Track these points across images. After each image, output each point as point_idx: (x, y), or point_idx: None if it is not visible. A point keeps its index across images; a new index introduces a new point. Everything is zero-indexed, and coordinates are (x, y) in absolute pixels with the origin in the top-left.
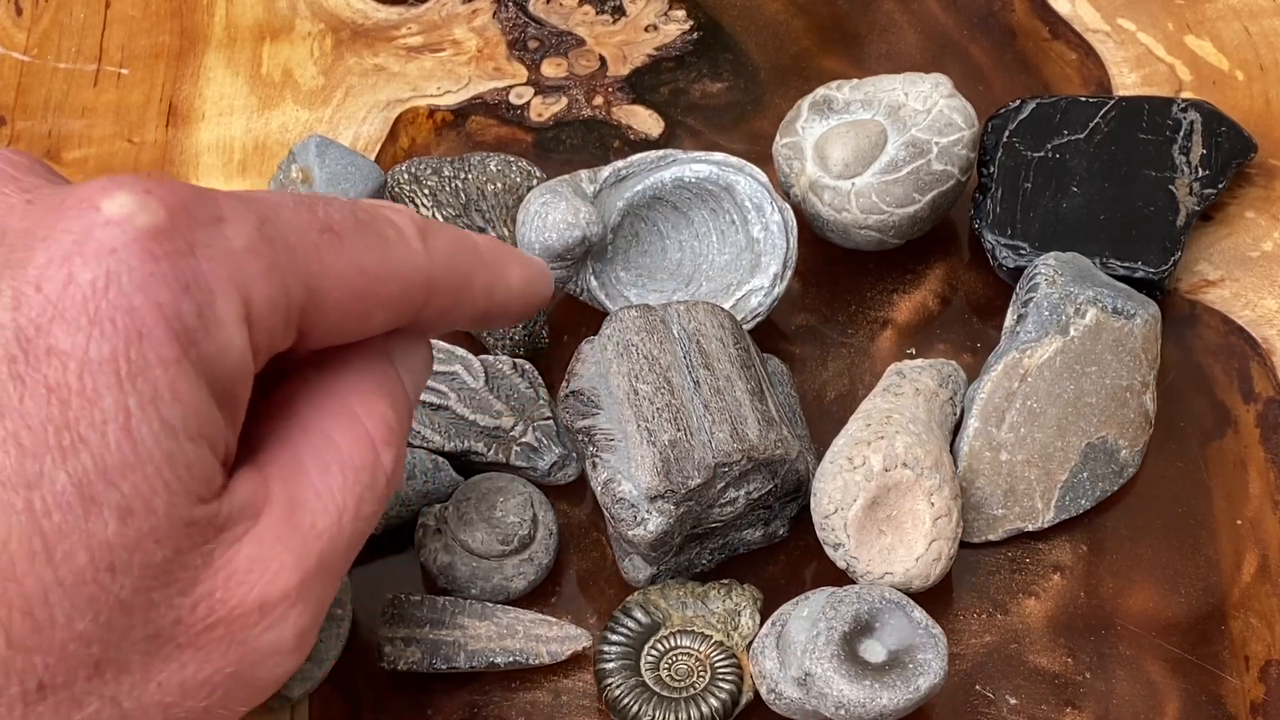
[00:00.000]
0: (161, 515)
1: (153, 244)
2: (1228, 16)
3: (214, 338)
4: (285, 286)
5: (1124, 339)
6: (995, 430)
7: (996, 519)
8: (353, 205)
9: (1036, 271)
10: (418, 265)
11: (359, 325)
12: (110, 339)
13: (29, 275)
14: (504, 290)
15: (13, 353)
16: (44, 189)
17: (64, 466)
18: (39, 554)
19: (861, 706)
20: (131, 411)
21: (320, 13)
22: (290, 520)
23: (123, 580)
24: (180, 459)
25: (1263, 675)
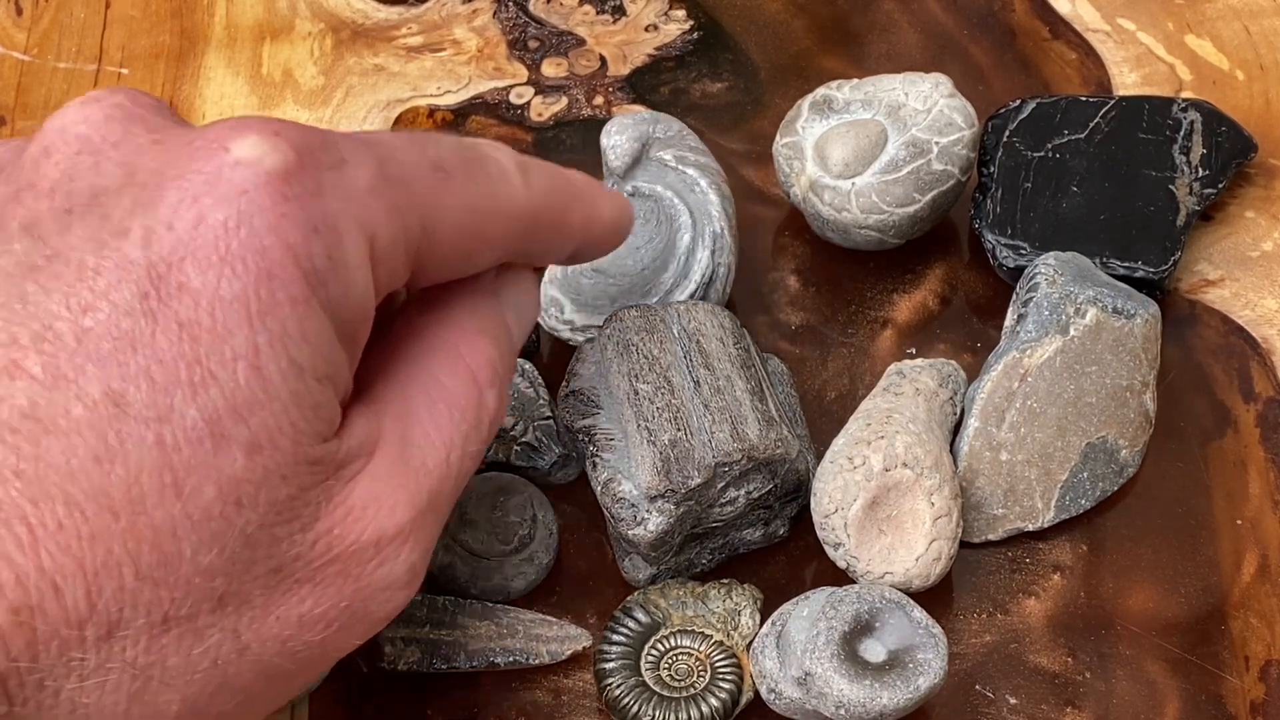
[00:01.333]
0: (288, 452)
1: (283, 185)
2: (1228, 16)
3: (340, 278)
4: (404, 225)
5: (1124, 339)
6: (995, 430)
7: (996, 519)
8: (458, 143)
9: (1036, 271)
10: (521, 202)
11: (468, 261)
12: (241, 277)
13: (160, 214)
14: (598, 223)
15: (145, 289)
16: (171, 129)
17: (194, 402)
18: (168, 487)
19: (861, 706)
20: (260, 349)
21: (320, 13)
22: (402, 458)
23: (249, 515)
24: (306, 398)
25: (1263, 675)
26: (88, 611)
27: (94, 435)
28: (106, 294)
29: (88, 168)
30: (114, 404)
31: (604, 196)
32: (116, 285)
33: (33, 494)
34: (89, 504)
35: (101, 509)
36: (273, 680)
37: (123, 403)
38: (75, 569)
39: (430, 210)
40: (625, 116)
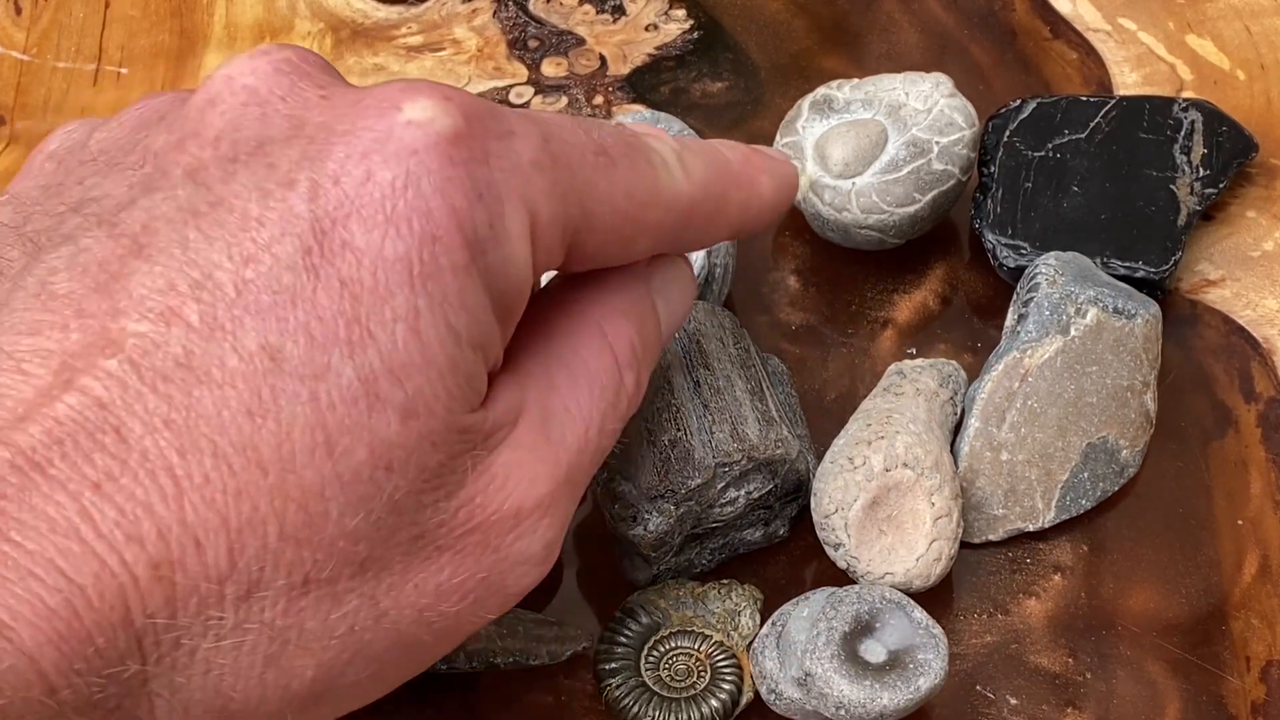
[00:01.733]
0: (440, 419)
1: (452, 149)
2: (1229, 16)
3: (501, 249)
4: (565, 205)
5: (1125, 339)
6: (996, 430)
7: (997, 519)
8: (619, 129)
9: (1037, 271)
10: (680, 191)
11: (623, 250)
12: (405, 239)
13: (328, 168)
14: (757, 203)
15: (308, 244)
16: (338, 86)
17: (351, 361)
18: (320, 446)
19: (862, 707)
20: (421, 312)
21: (320, 12)
22: (543, 431)
23: (398, 480)
24: (462, 365)
25: (1264, 676)
26: (229, 569)
27: (248, 388)
28: (269, 246)
29: (254, 118)
30: (270, 358)
31: (764, 173)
32: (280, 238)
33: (181, 444)
34: (237, 458)
35: (250, 464)
36: (408, 650)
37: (279, 357)
38: (219, 524)
39: (591, 193)
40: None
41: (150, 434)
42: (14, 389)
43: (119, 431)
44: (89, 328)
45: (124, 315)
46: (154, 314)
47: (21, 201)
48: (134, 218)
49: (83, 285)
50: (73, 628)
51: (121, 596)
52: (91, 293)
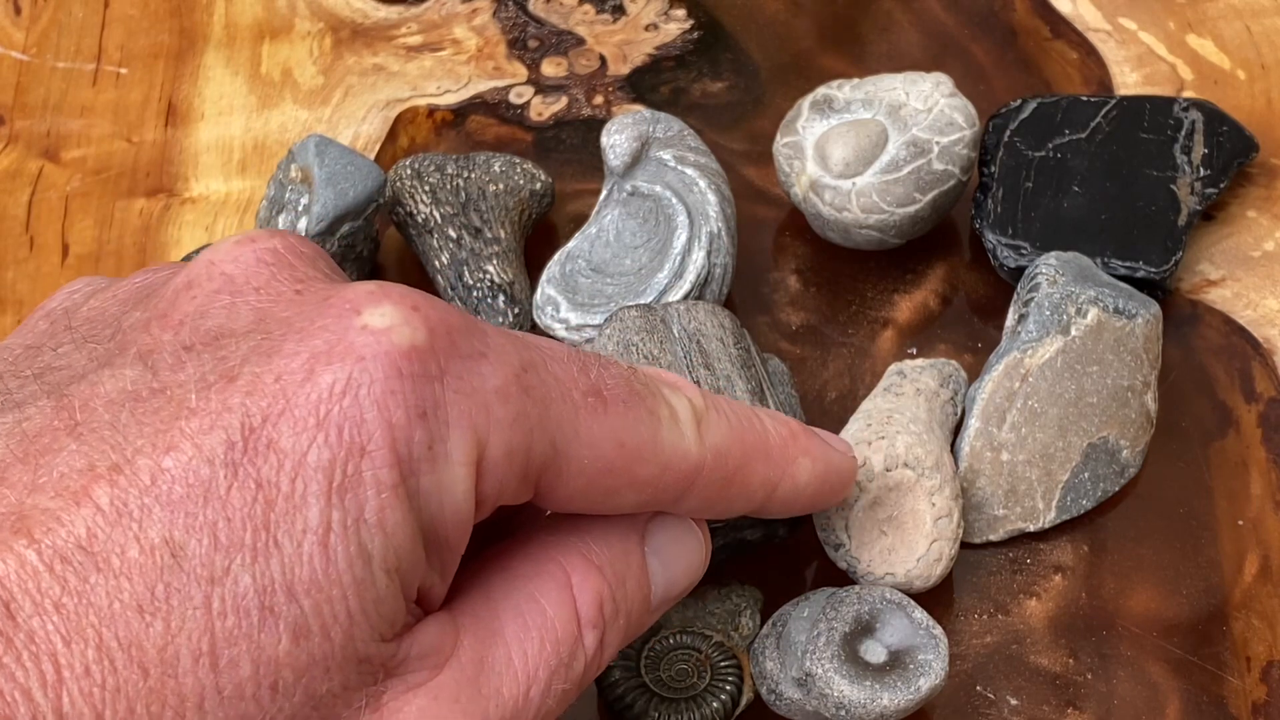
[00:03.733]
0: (336, 644)
1: (402, 361)
2: (1229, 16)
3: (438, 474)
4: (528, 440)
5: (1125, 339)
6: (996, 430)
7: (997, 519)
8: (631, 374)
9: (1037, 271)
10: (685, 451)
11: (605, 500)
12: (332, 447)
13: (272, 365)
14: (788, 487)
15: (234, 439)
16: (316, 282)
17: (251, 569)
18: (205, 655)
19: (862, 707)
20: (332, 528)
21: (319, 12)
22: (474, 681)
23: (282, 703)
24: (370, 590)
25: (1264, 676)
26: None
27: (143, 582)
28: (194, 437)
29: (222, 307)
30: (171, 554)
31: (806, 455)
32: (207, 430)
33: (67, 631)
34: (120, 654)
35: (132, 662)
36: None
37: (180, 555)
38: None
39: (567, 434)
40: (625, 116)
41: (39, 615)
42: None
43: (8, 607)
44: (4, 499)
45: (39, 491)
46: (67, 493)
47: (2, 358)
48: (79, 392)
49: (13, 454)
50: None
51: None
52: (18, 463)
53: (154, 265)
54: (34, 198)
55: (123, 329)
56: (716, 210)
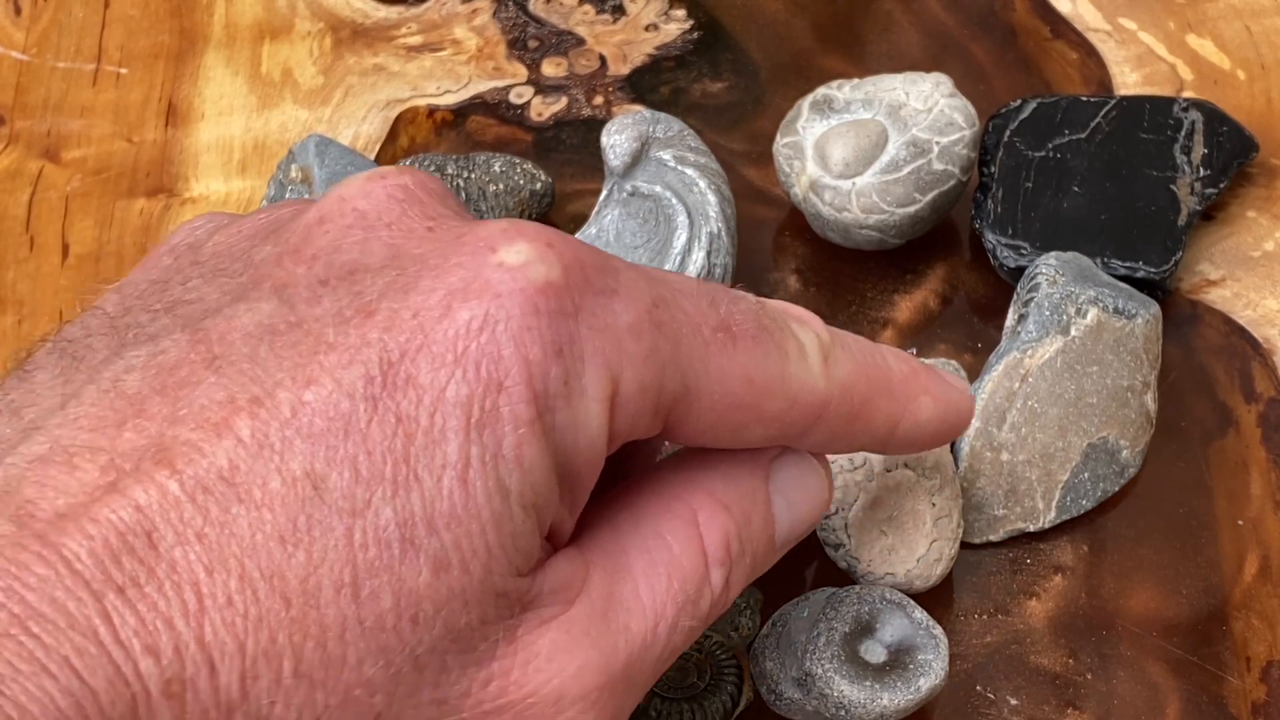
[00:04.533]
0: (475, 578)
1: (538, 298)
2: (1229, 16)
3: (574, 409)
4: (660, 376)
5: (1125, 339)
6: (996, 430)
7: (997, 519)
8: (759, 308)
9: (1037, 271)
10: (813, 386)
11: (732, 435)
12: (470, 383)
13: (409, 301)
14: (910, 424)
15: (373, 373)
16: (448, 219)
17: (392, 502)
18: (346, 586)
19: (862, 707)
20: (471, 463)
21: (320, 12)
22: (605, 616)
23: (422, 635)
24: (507, 524)
25: (1264, 676)
26: (239, 698)
27: (285, 514)
28: (333, 371)
29: (355, 243)
30: (313, 486)
31: (927, 393)
32: (346, 364)
33: (210, 561)
34: (263, 584)
35: (274, 592)
36: None
37: (322, 486)
38: (236, 650)
39: (697, 369)
40: (625, 116)
41: (181, 545)
42: (59, 483)
43: (150, 537)
44: (144, 430)
45: (180, 423)
46: (207, 424)
47: (127, 293)
48: (215, 326)
49: (150, 387)
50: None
51: (132, 707)
52: (156, 395)
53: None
54: (34, 198)
55: (254, 263)
56: (716, 210)
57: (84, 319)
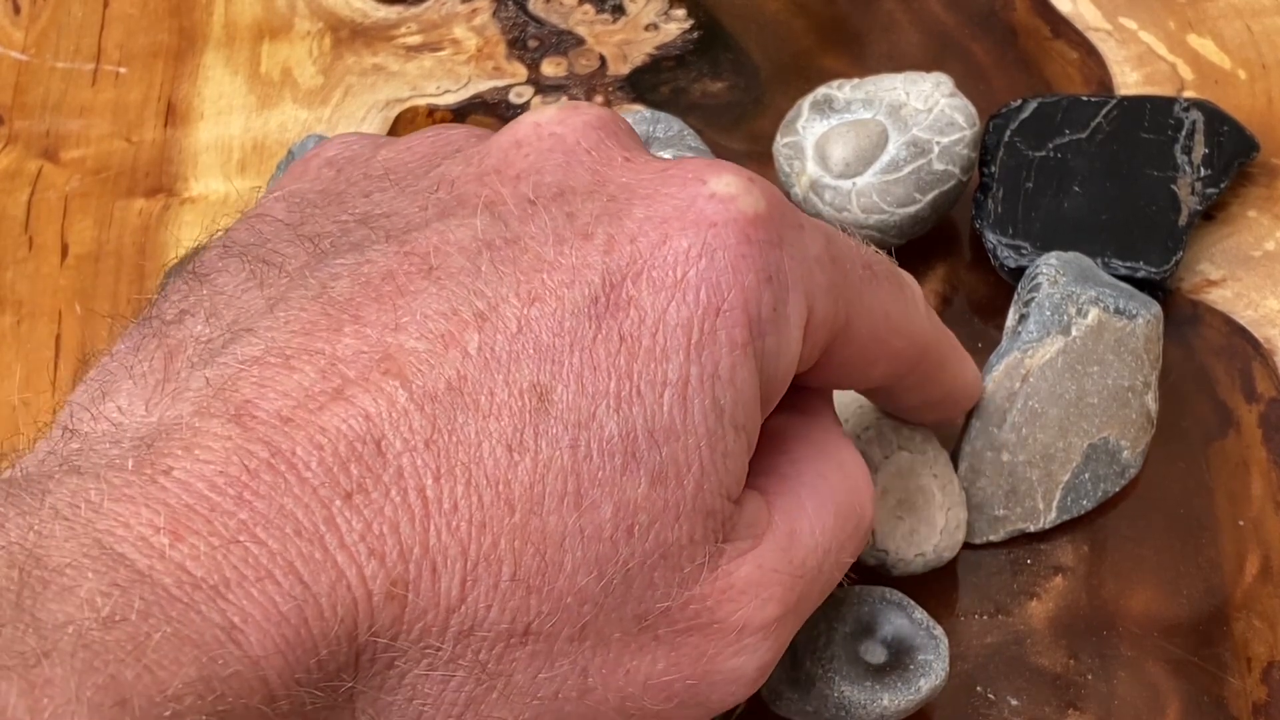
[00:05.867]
0: (689, 493)
1: (750, 228)
2: (1230, 15)
3: (779, 335)
4: (835, 306)
5: (1126, 339)
6: (996, 430)
7: (998, 520)
8: (879, 253)
9: (1038, 271)
10: (923, 330)
11: (861, 370)
12: (690, 306)
13: (625, 226)
14: (963, 383)
15: (596, 294)
16: (642, 153)
17: (615, 415)
18: (569, 495)
19: (862, 708)
20: (690, 381)
21: (319, 12)
22: (787, 552)
23: (636, 547)
24: (720, 443)
25: (1265, 677)
26: (458, 601)
27: (511, 423)
28: (557, 290)
29: (558, 164)
30: (539, 397)
31: (970, 361)
32: (569, 283)
33: (437, 467)
34: (488, 490)
35: (499, 499)
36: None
37: (548, 398)
38: (459, 554)
39: (855, 301)
40: (625, 116)
41: (409, 452)
42: (278, 384)
43: (379, 445)
44: (364, 336)
45: (403, 331)
46: (433, 335)
47: (297, 202)
48: (426, 239)
49: (364, 294)
50: (300, 636)
51: (353, 610)
52: (371, 303)
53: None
54: (33, 197)
55: (449, 179)
56: None
57: (250, 224)
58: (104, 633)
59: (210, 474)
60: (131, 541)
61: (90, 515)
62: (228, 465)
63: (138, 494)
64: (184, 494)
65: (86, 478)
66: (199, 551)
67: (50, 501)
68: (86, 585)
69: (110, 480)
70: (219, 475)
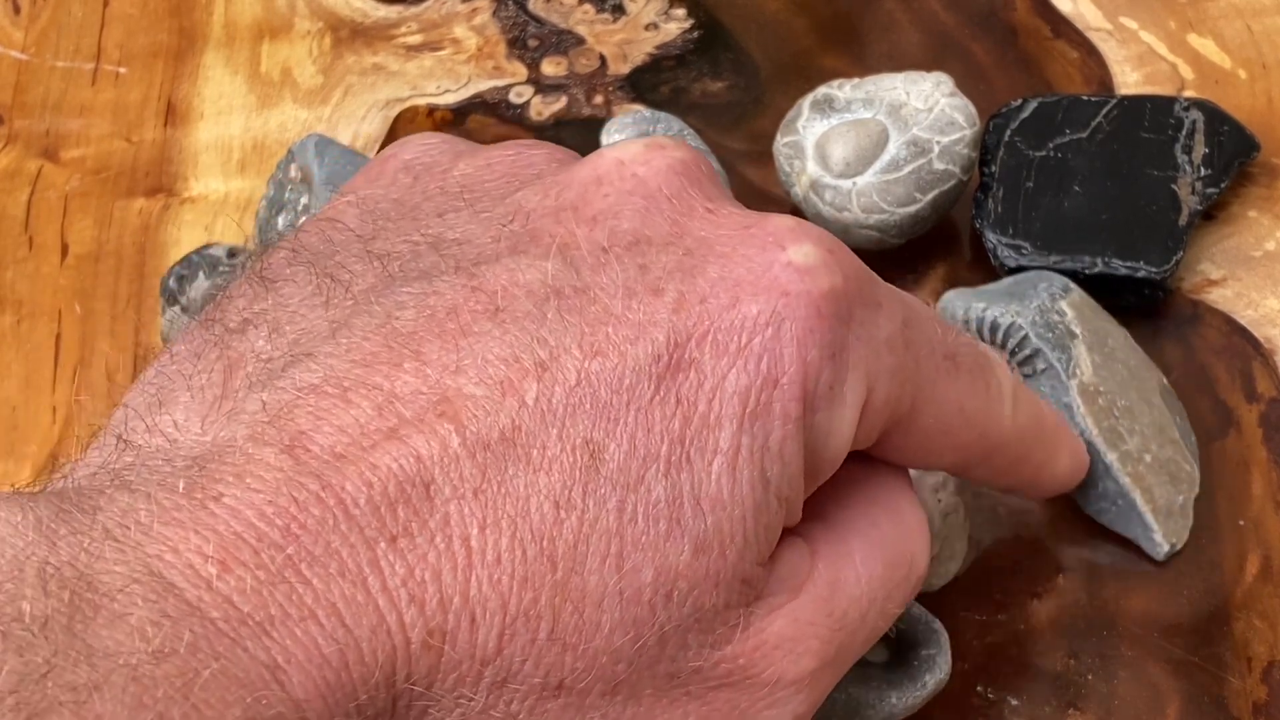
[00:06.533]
0: (730, 562)
1: (822, 302)
2: (1230, 15)
3: (832, 413)
4: (901, 392)
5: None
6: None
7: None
8: (974, 344)
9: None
10: (1000, 427)
11: (925, 457)
12: (750, 374)
13: (698, 285)
14: (1049, 473)
15: (659, 353)
16: (725, 204)
17: (664, 480)
18: (612, 557)
19: (871, 708)
20: (741, 451)
21: (319, 11)
22: (828, 604)
23: (673, 611)
24: (765, 515)
25: (1265, 677)
26: (494, 653)
27: (561, 479)
28: (620, 345)
29: (637, 210)
30: (591, 455)
31: (1065, 447)
32: (634, 340)
33: (483, 518)
34: (533, 545)
35: (542, 554)
36: None
37: (600, 457)
38: (499, 607)
39: (926, 391)
40: (625, 116)
41: (457, 499)
42: (334, 418)
43: (428, 489)
44: (424, 375)
45: (463, 374)
46: (492, 381)
47: (371, 211)
48: (496, 276)
49: (428, 330)
50: (341, 680)
51: (391, 657)
52: (435, 339)
53: (518, 140)
54: (33, 197)
55: (525, 211)
56: None
57: (320, 229)
58: (154, 666)
59: (260, 503)
60: (180, 569)
61: (140, 538)
62: (277, 496)
63: (187, 519)
64: (233, 522)
65: (138, 496)
66: (245, 585)
67: (101, 520)
68: (137, 614)
69: (161, 501)
70: (268, 505)
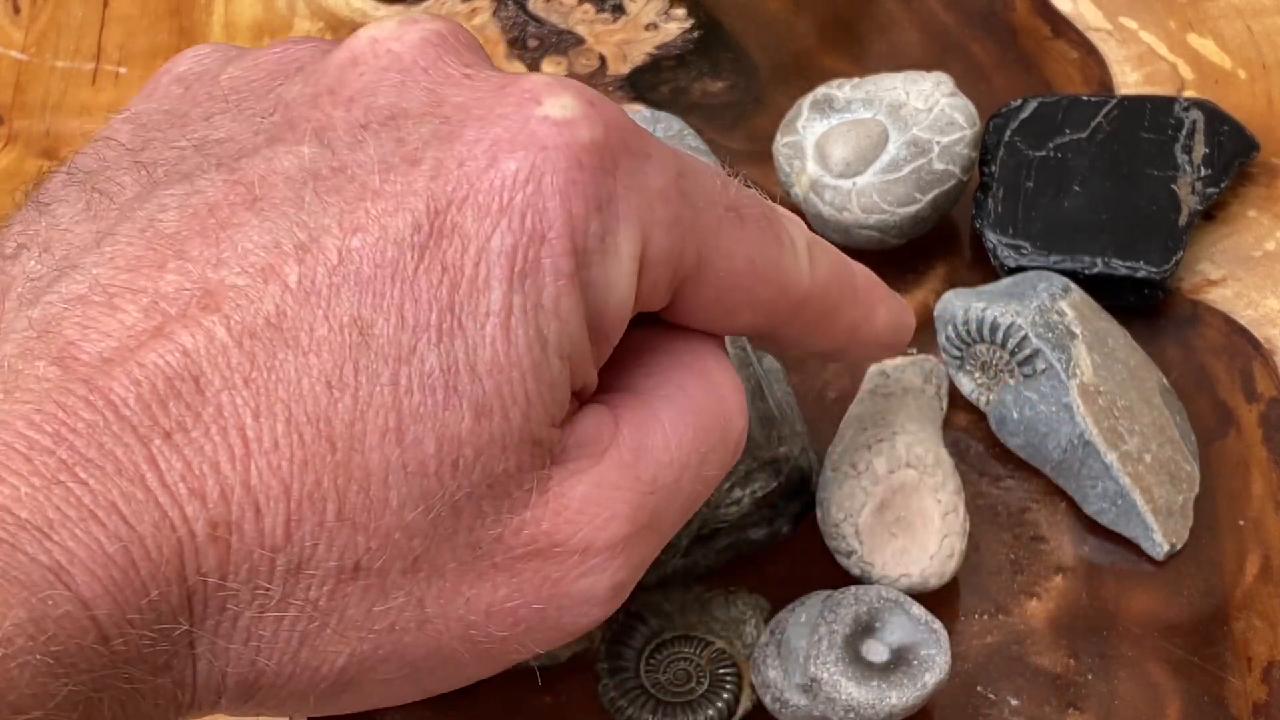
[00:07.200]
0: (514, 424)
1: (582, 154)
2: (1230, 15)
3: (608, 266)
4: (681, 244)
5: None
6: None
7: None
8: (757, 196)
9: (1007, 325)
10: (800, 279)
11: (724, 316)
12: (514, 233)
13: (454, 150)
14: (868, 331)
15: (420, 222)
16: (483, 68)
17: (437, 349)
18: (391, 431)
19: (871, 708)
20: (513, 312)
21: (319, 11)
22: (633, 468)
23: (461, 480)
24: (545, 374)
25: (1265, 677)
26: (283, 540)
27: (332, 359)
28: (380, 218)
29: (392, 85)
30: (359, 332)
31: (882, 304)
32: (393, 212)
33: (256, 405)
34: (309, 428)
35: (320, 436)
36: (445, 663)
37: (368, 333)
38: (281, 493)
39: (710, 243)
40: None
41: (228, 390)
42: (101, 324)
43: (197, 382)
44: (187, 272)
45: (224, 266)
46: (254, 269)
47: (142, 124)
48: (254, 167)
49: (190, 228)
50: (128, 577)
51: (178, 551)
52: (196, 236)
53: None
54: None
55: (285, 102)
56: None
57: (95, 149)
58: None
59: (28, 412)
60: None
61: None
62: (44, 403)
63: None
64: (2, 433)
65: None
66: (20, 493)
67: None
68: None
69: None
70: (36, 413)
